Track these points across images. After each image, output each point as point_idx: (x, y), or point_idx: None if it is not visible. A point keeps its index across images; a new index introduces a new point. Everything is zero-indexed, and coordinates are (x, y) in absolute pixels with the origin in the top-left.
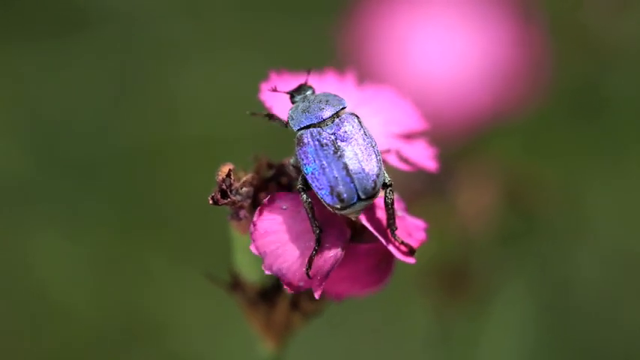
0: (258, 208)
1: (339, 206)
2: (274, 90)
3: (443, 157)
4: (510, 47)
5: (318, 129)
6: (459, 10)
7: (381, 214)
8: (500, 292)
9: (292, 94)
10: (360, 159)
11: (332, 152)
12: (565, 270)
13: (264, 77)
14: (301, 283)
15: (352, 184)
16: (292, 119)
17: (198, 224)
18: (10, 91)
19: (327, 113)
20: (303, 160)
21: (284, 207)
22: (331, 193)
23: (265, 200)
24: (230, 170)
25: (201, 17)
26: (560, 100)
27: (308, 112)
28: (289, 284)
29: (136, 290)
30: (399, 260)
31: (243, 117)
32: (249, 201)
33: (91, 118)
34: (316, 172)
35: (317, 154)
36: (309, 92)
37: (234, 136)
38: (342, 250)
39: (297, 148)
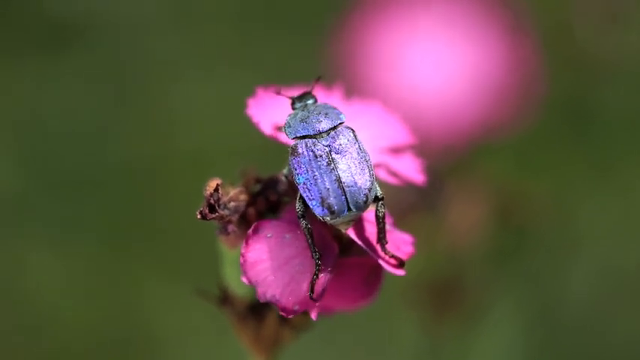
0: (245, 239)
1: (328, 217)
2: (278, 93)
3: (434, 173)
4: (502, 62)
5: (314, 140)
6: (451, 24)
7: (370, 227)
8: (491, 308)
9: (294, 100)
10: (353, 172)
11: (325, 164)
12: (556, 285)
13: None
14: (296, 307)
15: (343, 197)
16: (289, 127)
17: (193, 238)
18: (3, 107)
19: (324, 126)
20: (296, 169)
21: (269, 235)
22: (322, 204)
23: (250, 231)
24: (218, 185)
25: (196, 32)
26: (552, 115)
27: (306, 122)
28: (284, 309)
29: (130, 304)
30: (389, 274)
31: (237, 131)
32: (237, 215)
33: (84, 132)
34: (308, 183)
35: (310, 164)
36: (310, 101)
37: (229, 151)
38: (333, 268)
39: (290, 158)
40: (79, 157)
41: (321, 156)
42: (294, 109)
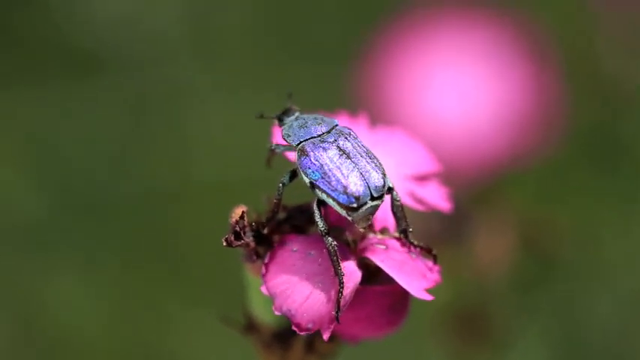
0: (270, 250)
1: (355, 205)
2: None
3: (459, 202)
4: (525, 92)
5: (319, 139)
6: (474, 54)
7: (396, 255)
8: (517, 337)
9: (280, 118)
10: (365, 159)
11: (338, 155)
12: (582, 313)
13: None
14: (310, 325)
15: (364, 181)
16: (289, 136)
17: (215, 266)
18: (23, 135)
19: (324, 128)
20: (309, 168)
21: (294, 249)
22: (345, 193)
23: (277, 243)
24: (243, 212)
25: (219, 61)
26: (576, 146)
27: (305, 127)
28: (298, 325)
29: (153, 332)
30: (417, 302)
31: (257, 160)
32: (263, 244)
33: (105, 160)
34: (326, 177)
35: (322, 159)
36: (297, 113)
37: (249, 180)
38: (352, 292)
39: (300, 161)
40: (102, 184)
41: (330, 149)
42: (282, 124)
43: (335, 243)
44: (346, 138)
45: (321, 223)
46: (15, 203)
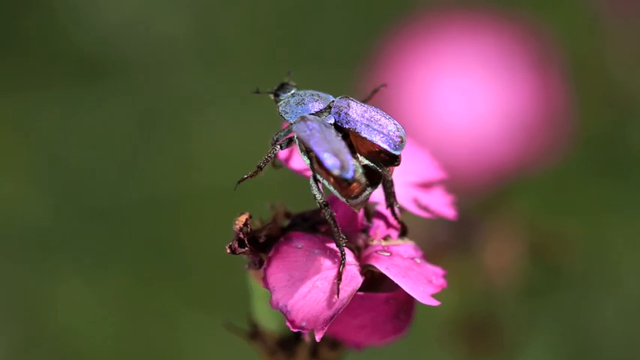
0: (275, 245)
1: (348, 177)
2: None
3: (466, 210)
4: (533, 99)
5: (316, 117)
6: (481, 61)
7: (401, 261)
8: (526, 346)
9: (277, 93)
10: (373, 123)
11: (334, 134)
12: (590, 323)
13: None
14: (303, 324)
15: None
16: (287, 113)
17: (221, 272)
18: (30, 140)
19: (322, 105)
20: (304, 138)
21: (299, 246)
22: (336, 155)
23: (282, 238)
24: (247, 219)
25: (225, 67)
26: (584, 153)
27: (303, 104)
28: (292, 322)
29: (159, 338)
30: (423, 308)
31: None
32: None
33: (112, 166)
34: (320, 141)
35: (320, 130)
36: (294, 90)
37: (256, 185)
38: (349, 296)
39: (297, 125)
40: (108, 190)
41: (331, 125)
42: (278, 100)
43: (334, 214)
44: (346, 114)
45: (318, 195)
46: (21, 208)
